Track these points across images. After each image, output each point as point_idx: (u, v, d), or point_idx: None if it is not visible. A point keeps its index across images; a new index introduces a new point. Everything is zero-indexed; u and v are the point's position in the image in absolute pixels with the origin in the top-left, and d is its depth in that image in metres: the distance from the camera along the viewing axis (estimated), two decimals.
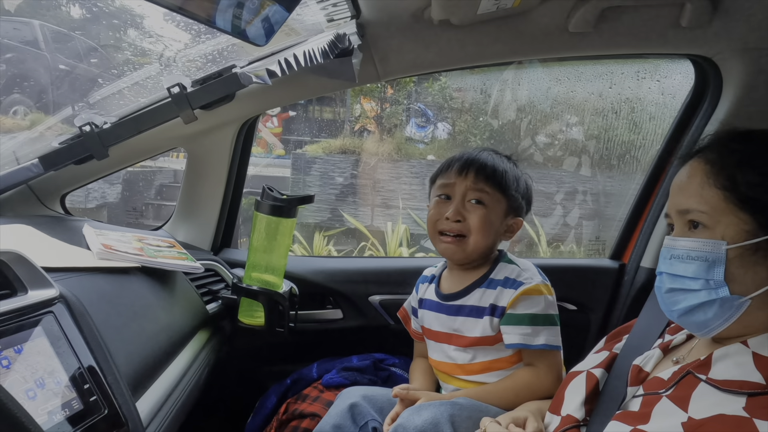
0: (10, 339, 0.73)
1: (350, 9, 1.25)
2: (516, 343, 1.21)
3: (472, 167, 1.27)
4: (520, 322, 1.21)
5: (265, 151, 5.79)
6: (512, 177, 1.29)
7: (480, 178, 1.26)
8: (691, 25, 1.27)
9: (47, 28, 4.04)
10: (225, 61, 1.39)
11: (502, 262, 1.30)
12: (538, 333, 1.21)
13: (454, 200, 1.28)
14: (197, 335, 1.32)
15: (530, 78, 4.14)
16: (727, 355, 0.78)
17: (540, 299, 1.23)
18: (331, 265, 1.79)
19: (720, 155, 0.82)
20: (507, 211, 1.29)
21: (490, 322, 1.24)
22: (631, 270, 1.79)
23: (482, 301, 1.26)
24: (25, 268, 0.83)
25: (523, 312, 1.22)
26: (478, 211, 1.26)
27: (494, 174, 1.27)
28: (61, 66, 3.86)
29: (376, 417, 1.18)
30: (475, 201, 1.26)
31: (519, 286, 1.23)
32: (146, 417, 0.93)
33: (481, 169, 1.27)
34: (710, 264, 0.77)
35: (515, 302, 1.22)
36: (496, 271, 1.29)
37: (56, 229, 1.24)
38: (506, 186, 1.28)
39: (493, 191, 1.26)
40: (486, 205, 1.26)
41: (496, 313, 1.24)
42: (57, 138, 1.40)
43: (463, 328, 1.27)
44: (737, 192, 0.78)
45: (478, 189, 1.26)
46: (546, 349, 1.21)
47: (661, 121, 2.57)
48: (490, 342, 1.25)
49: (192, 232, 1.71)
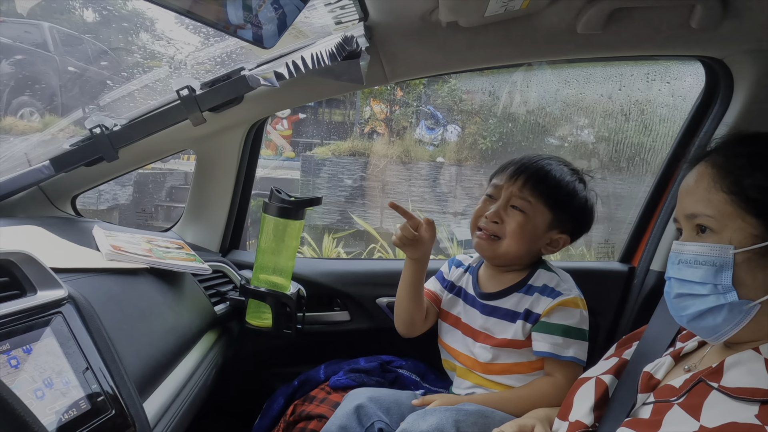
0: (19, 339, 0.74)
1: (358, 11, 1.25)
2: (545, 351, 1.21)
3: (523, 174, 1.27)
4: (553, 331, 1.22)
5: (275, 153, 5.81)
6: (565, 192, 1.28)
7: (527, 187, 1.26)
8: (701, 27, 1.26)
9: (56, 30, 4.08)
10: (234, 63, 1.40)
11: (541, 269, 1.31)
12: (569, 345, 1.21)
13: (498, 202, 1.28)
14: (205, 336, 1.33)
15: (539, 80, 4.12)
16: (740, 362, 0.77)
17: (576, 312, 1.24)
18: (338, 267, 1.79)
19: (726, 159, 0.81)
20: (551, 225, 1.28)
21: (522, 327, 1.25)
22: (640, 273, 1.78)
23: (518, 306, 1.27)
24: (35, 269, 0.84)
25: (558, 322, 1.22)
26: (517, 217, 1.26)
27: (543, 185, 1.26)
28: (69, 68, 3.90)
29: (382, 418, 1.18)
30: (517, 208, 1.26)
31: (557, 296, 1.24)
32: (153, 418, 0.93)
33: (531, 178, 1.27)
34: (718, 269, 0.77)
35: (551, 311, 1.23)
36: (535, 277, 1.30)
37: (66, 230, 1.25)
38: (554, 200, 1.27)
39: (536, 202, 1.26)
40: (526, 214, 1.26)
41: (530, 319, 1.25)
42: (68, 140, 1.41)
43: (494, 328, 1.28)
44: (744, 196, 0.77)
45: (522, 197, 1.26)
46: (573, 361, 1.21)
47: (671, 123, 2.55)
48: (517, 346, 1.26)
49: (200, 234, 1.72)
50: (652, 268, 1.75)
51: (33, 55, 3.97)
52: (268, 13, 0.91)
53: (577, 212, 1.31)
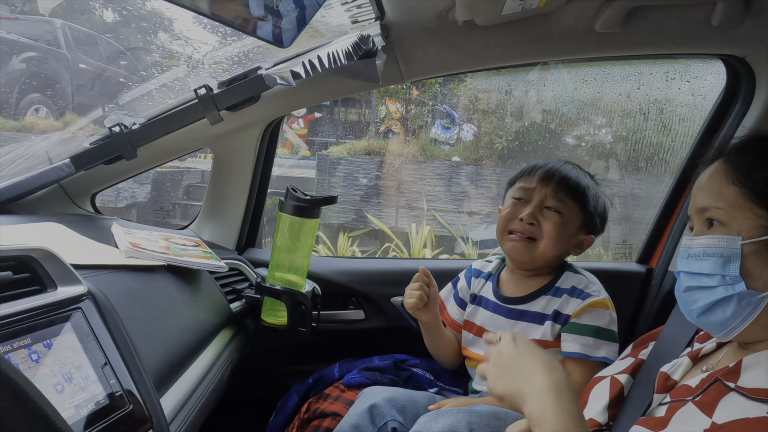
0: (40, 334, 0.75)
1: (374, 10, 1.25)
2: (575, 352, 1.22)
3: (555, 176, 1.30)
4: (584, 332, 1.22)
5: (291, 152, 5.84)
6: (593, 194, 1.32)
7: (561, 188, 1.28)
8: (722, 25, 1.24)
9: (68, 27, 4.11)
10: (250, 62, 1.41)
11: (568, 272, 1.32)
12: (599, 346, 1.22)
13: (531, 204, 1.29)
14: (221, 333, 1.34)
15: (556, 79, 4.09)
16: (758, 362, 0.76)
17: (606, 313, 1.25)
18: (353, 265, 1.79)
19: (739, 154, 0.82)
20: (581, 226, 1.31)
21: (551, 328, 1.25)
22: (658, 274, 1.76)
23: (547, 309, 1.28)
24: (55, 265, 0.85)
25: (588, 323, 1.23)
26: (554, 218, 1.28)
27: (577, 187, 1.29)
28: (81, 65, 3.93)
29: (396, 417, 1.18)
30: (553, 209, 1.28)
31: (587, 297, 1.25)
32: (170, 413, 0.94)
33: (564, 180, 1.29)
34: (726, 260, 0.77)
35: (581, 312, 1.24)
36: (562, 279, 1.31)
37: (86, 227, 1.26)
38: (586, 201, 1.30)
39: (572, 203, 1.28)
40: (563, 215, 1.28)
41: (559, 320, 1.25)
42: (88, 138, 1.43)
43: (522, 332, 1.28)
44: (755, 189, 0.77)
45: (559, 198, 1.28)
46: (605, 361, 1.21)
47: (691, 122, 2.52)
48: (544, 347, 1.25)
49: (217, 232, 1.73)
50: (670, 270, 1.72)
51: (44, 53, 4.01)
52: (285, 12, 0.91)
53: (601, 213, 1.34)
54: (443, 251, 4.70)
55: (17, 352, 0.71)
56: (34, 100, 4.03)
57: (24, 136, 3.81)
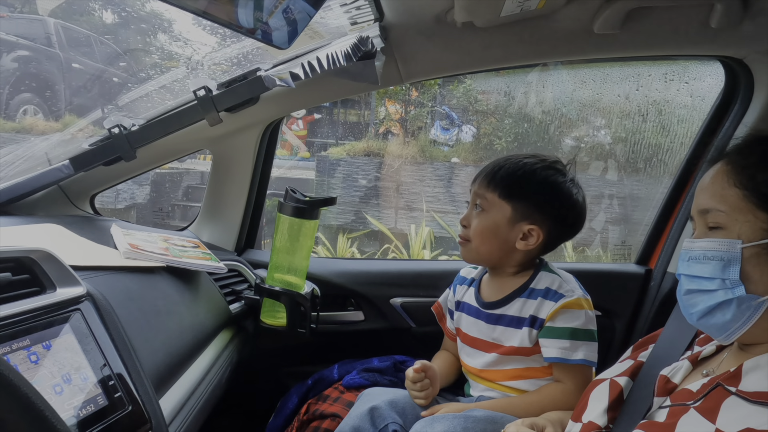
0: (39, 335, 0.75)
1: (373, 12, 1.25)
2: (554, 357, 1.20)
3: (480, 175, 1.30)
4: (560, 335, 1.20)
5: (290, 153, 5.84)
6: (524, 183, 1.25)
7: (482, 185, 1.28)
8: (721, 26, 1.24)
9: (61, 26, 4.06)
10: (250, 64, 1.41)
11: (543, 271, 1.29)
12: (577, 348, 1.20)
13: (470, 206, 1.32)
14: (220, 335, 1.34)
15: (555, 80, 4.10)
16: (758, 366, 0.76)
17: (581, 313, 1.22)
18: (353, 266, 1.80)
19: (741, 156, 0.82)
20: (514, 218, 1.25)
21: (529, 334, 1.23)
22: (657, 275, 1.76)
23: (523, 312, 1.26)
24: (54, 267, 0.85)
25: (563, 325, 1.21)
26: (479, 217, 1.28)
27: (493, 181, 1.27)
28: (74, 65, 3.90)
29: (396, 419, 1.18)
30: (478, 206, 1.29)
31: (560, 298, 1.22)
32: (169, 414, 0.94)
33: (485, 176, 1.29)
34: (726, 263, 0.77)
35: (555, 315, 1.21)
36: (537, 280, 1.28)
37: (85, 228, 1.26)
38: (507, 190, 1.25)
39: (492, 197, 1.26)
40: (485, 212, 1.27)
41: (536, 325, 1.23)
42: (87, 140, 1.43)
43: (501, 337, 1.27)
44: (757, 191, 0.77)
45: (480, 195, 1.28)
46: (584, 364, 1.20)
47: (689, 124, 2.52)
48: (526, 353, 1.25)
49: (216, 233, 1.73)
50: (669, 271, 1.72)
51: (36, 52, 3.97)
52: (284, 13, 0.91)
53: (541, 201, 1.25)
54: (443, 252, 4.70)
55: (16, 353, 0.71)
56: (24, 99, 4.00)
57: (23, 137, 3.81)
